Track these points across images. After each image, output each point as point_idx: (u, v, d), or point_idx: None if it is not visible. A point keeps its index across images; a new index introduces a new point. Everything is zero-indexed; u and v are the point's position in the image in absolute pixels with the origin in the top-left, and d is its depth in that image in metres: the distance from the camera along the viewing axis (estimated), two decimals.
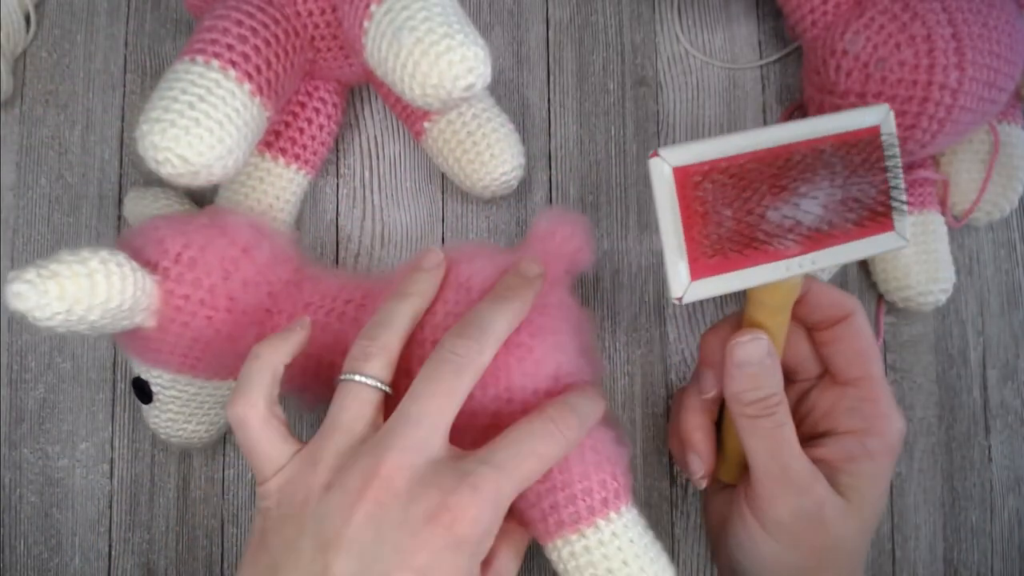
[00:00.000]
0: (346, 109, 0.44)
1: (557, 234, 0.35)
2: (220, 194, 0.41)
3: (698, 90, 0.46)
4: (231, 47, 0.34)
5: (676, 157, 0.28)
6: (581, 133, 0.45)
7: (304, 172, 0.41)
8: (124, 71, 0.46)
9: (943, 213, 0.43)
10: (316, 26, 0.38)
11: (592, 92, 0.46)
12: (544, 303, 0.33)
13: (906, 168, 0.39)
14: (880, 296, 0.44)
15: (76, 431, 0.44)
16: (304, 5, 0.37)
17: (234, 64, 0.34)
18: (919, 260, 0.42)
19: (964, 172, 0.43)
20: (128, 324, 0.33)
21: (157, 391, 0.37)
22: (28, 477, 0.43)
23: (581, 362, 0.33)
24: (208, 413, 0.39)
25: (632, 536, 0.30)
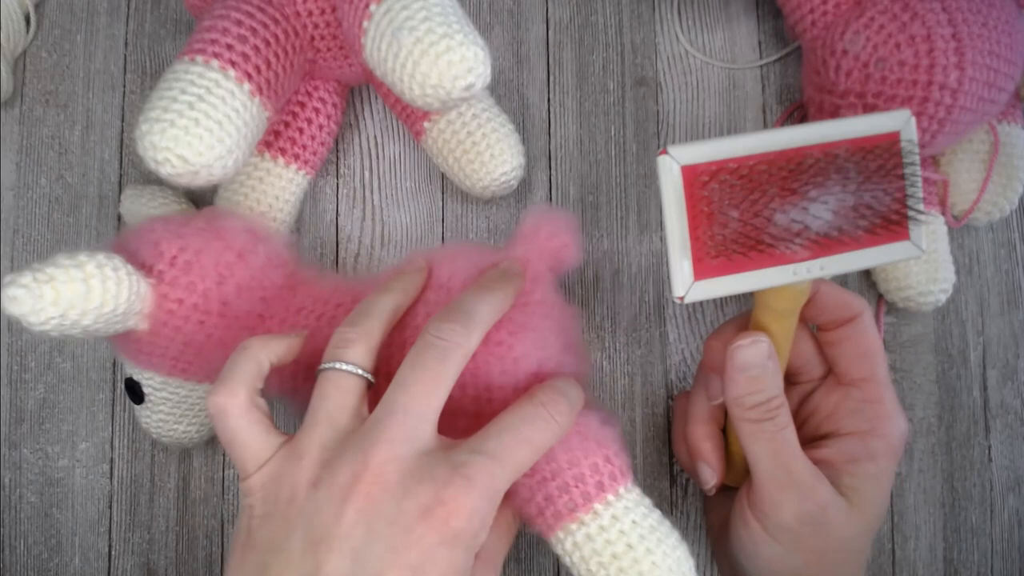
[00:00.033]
0: (346, 109, 0.44)
1: (540, 231, 0.34)
2: (220, 194, 0.41)
3: (698, 90, 0.46)
4: (231, 47, 0.34)
5: (685, 155, 0.28)
6: (581, 133, 0.45)
7: (304, 172, 0.41)
8: (124, 71, 0.46)
9: (943, 213, 0.43)
10: (316, 26, 0.38)
11: (592, 92, 0.46)
12: (525, 300, 0.32)
13: None
14: (880, 296, 0.44)
15: (76, 431, 0.43)
16: (304, 5, 0.37)
17: (234, 64, 0.34)
18: (919, 260, 0.41)
19: (964, 172, 0.43)
20: (121, 328, 0.32)
21: (149, 392, 0.37)
22: (28, 477, 0.43)
23: (565, 358, 0.33)
24: (199, 415, 0.39)
25: (635, 517, 0.29)
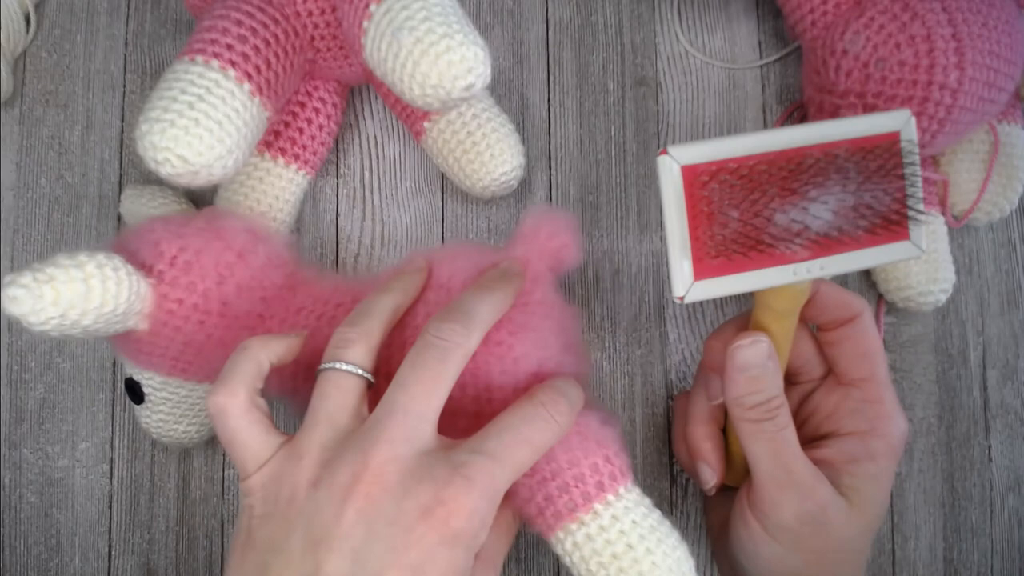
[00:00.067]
0: (346, 109, 0.44)
1: (540, 231, 0.34)
2: (220, 194, 0.41)
3: (698, 90, 0.46)
4: (231, 47, 0.34)
5: (685, 155, 0.28)
6: (581, 133, 0.45)
7: (304, 172, 0.41)
8: (124, 71, 0.46)
9: (943, 213, 0.43)
10: (316, 26, 0.38)
11: (592, 92, 0.46)
12: (525, 300, 0.32)
13: None
14: (880, 296, 0.44)
15: (76, 431, 0.43)
16: (304, 5, 0.37)
17: (234, 64, 0.34)
18: (919, 260, 0.41)
19: (964, 172, 0.43)
20: (121, 328, 0.32)
21: (149, 392, 0.37)
22: (28, 477, 0.43)
23: (565, 358, 0.33)
24: (199, 415, 0.39)
25: (635, 517, 0.29)
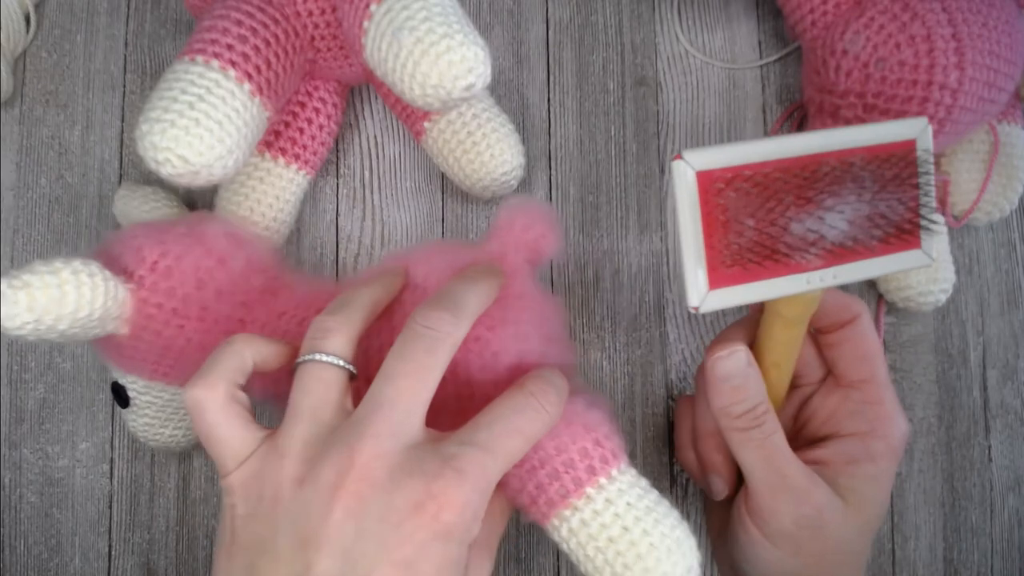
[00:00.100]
0: (346, 109, 0.44)
1: (515, 224, 0.34)
2: (220, 194, 0.41)
3: (698, 90, 0.46)
4: (231, 47, 0.34)
5: (700, 161, 0.27)
6: (581, 133, 0.45)
7: (304, 172, 0.41)
8: (124, 71, 0.46)
9: (943, 213, 0.43)
10: (316, 26, 0.38)
11: (592, 92, 0.46)
12: (502, 295, 0.32)
13: None
14: (880, 296, 0.44)
15: (76, 431, 0.43)
16: (304, 5, 0.37)
17: (234, 64, 0.34)
18: None
19: (964, 172, 0.43)
20: (99, 332, 0.33)
21: (133, 396, 0.37)
22: (28, 477, 0.43)
23: (548, 349, 0.33)
24: (184, 419, 0.39)
25: (629, 499, 0.28)
